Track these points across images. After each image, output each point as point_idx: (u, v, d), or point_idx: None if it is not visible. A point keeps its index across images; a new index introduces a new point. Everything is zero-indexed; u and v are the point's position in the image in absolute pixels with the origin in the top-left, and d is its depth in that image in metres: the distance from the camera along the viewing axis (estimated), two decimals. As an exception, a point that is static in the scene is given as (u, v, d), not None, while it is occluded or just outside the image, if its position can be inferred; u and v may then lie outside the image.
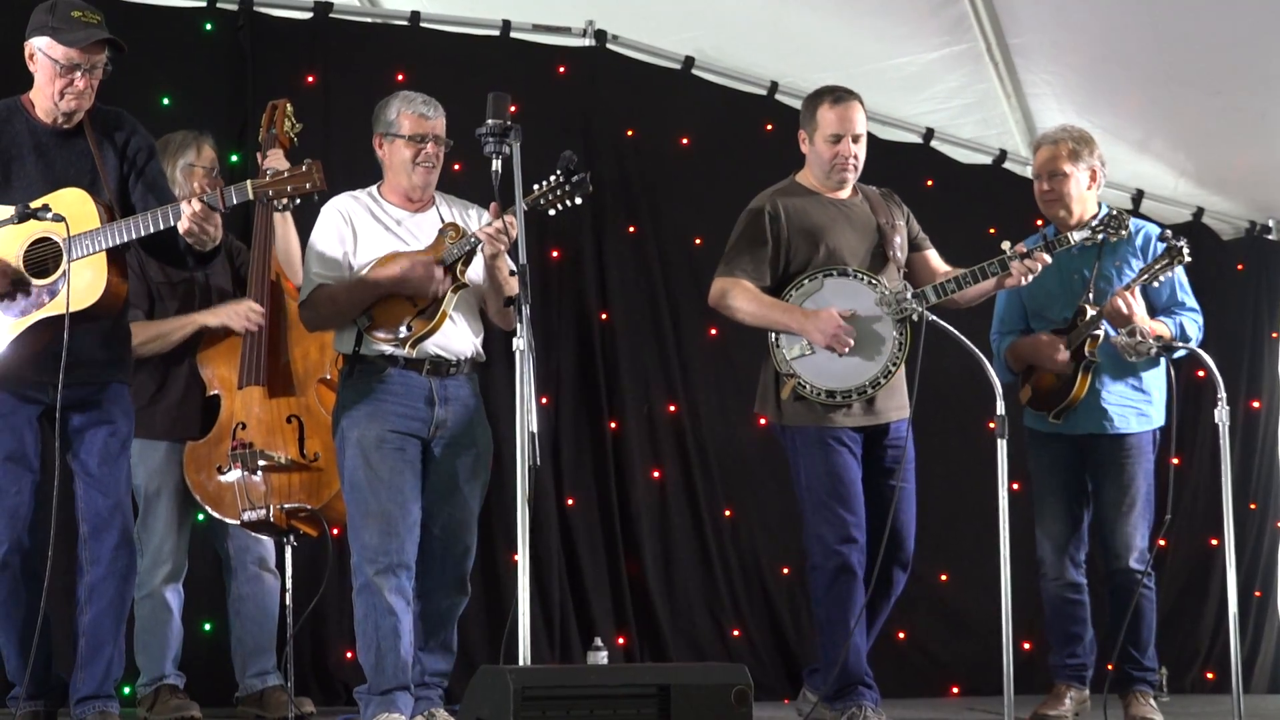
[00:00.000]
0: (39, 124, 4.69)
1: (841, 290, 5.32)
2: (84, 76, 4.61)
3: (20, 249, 4.52)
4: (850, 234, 5.42)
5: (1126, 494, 5.78)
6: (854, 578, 5.29)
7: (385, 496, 4.88)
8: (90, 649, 4.68)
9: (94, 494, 4.67)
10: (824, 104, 5.53)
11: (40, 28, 4.63)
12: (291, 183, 4.46)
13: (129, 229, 4.45)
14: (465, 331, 5.04)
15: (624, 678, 3.89)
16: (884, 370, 5.24)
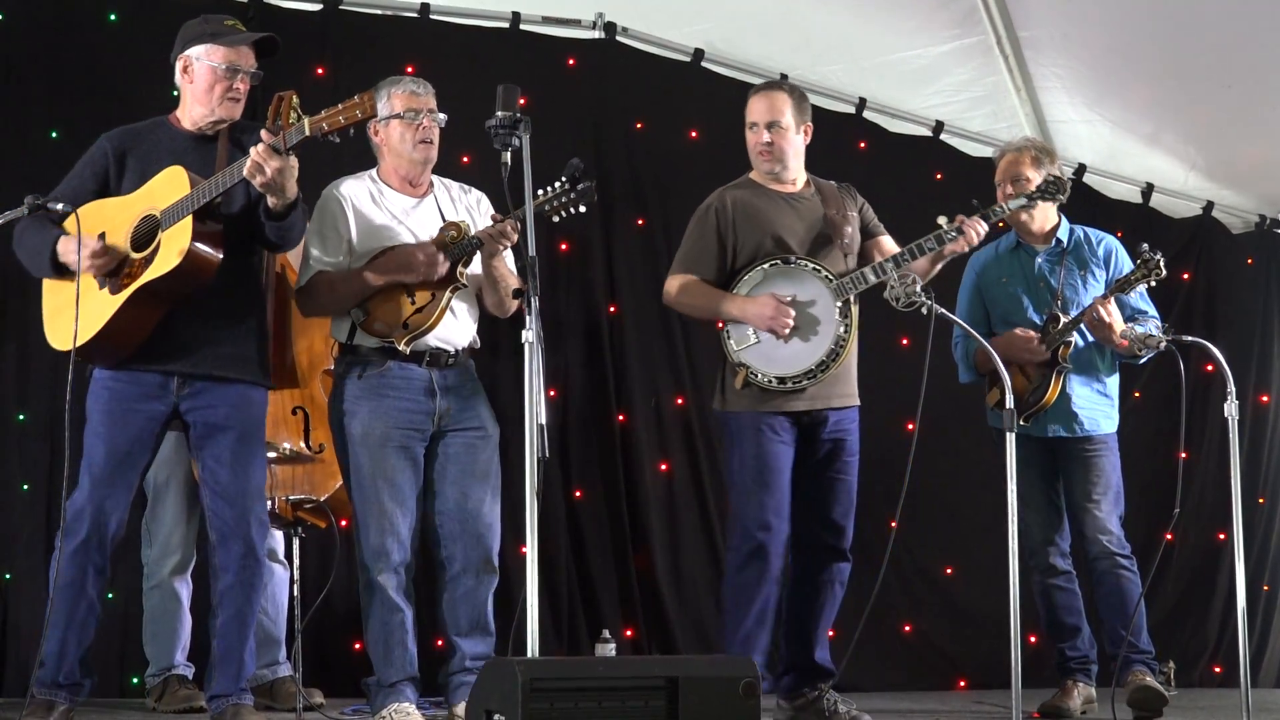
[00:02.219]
0: (180, 132, 4.82)
1: (784, 278, 5.34)
2: (243, 80, 4.75)
3: (129, 229, 4.62)
4: (797, 225, 5.43)
5: (1097, 485, 5.90)
6: (765, 564, 5.31)
7: (387, 495, 4.91)
8: (221, 652, 4.80)
9: (220, 503, 4.74)
10: (749, 99, 5.57)
11: (196, 38, 4.79)
12: (345, 113, 4.49)
13: (209, 189, 4.54)
14: (465, 323, 5.07)
15: (632, 670, 3.89)
16: (829, 353, 5.24)
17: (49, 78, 6.84)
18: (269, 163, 4.46)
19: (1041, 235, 6.03)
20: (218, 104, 4.78)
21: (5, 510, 6.48)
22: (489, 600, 5.02)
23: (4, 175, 6.62)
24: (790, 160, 5.52)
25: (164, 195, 4.60)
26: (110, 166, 4.79)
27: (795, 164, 5.56)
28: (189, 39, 4.84)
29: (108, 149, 4.82)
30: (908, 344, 7.60)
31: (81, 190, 4.76)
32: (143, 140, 4.83)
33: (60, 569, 4.62)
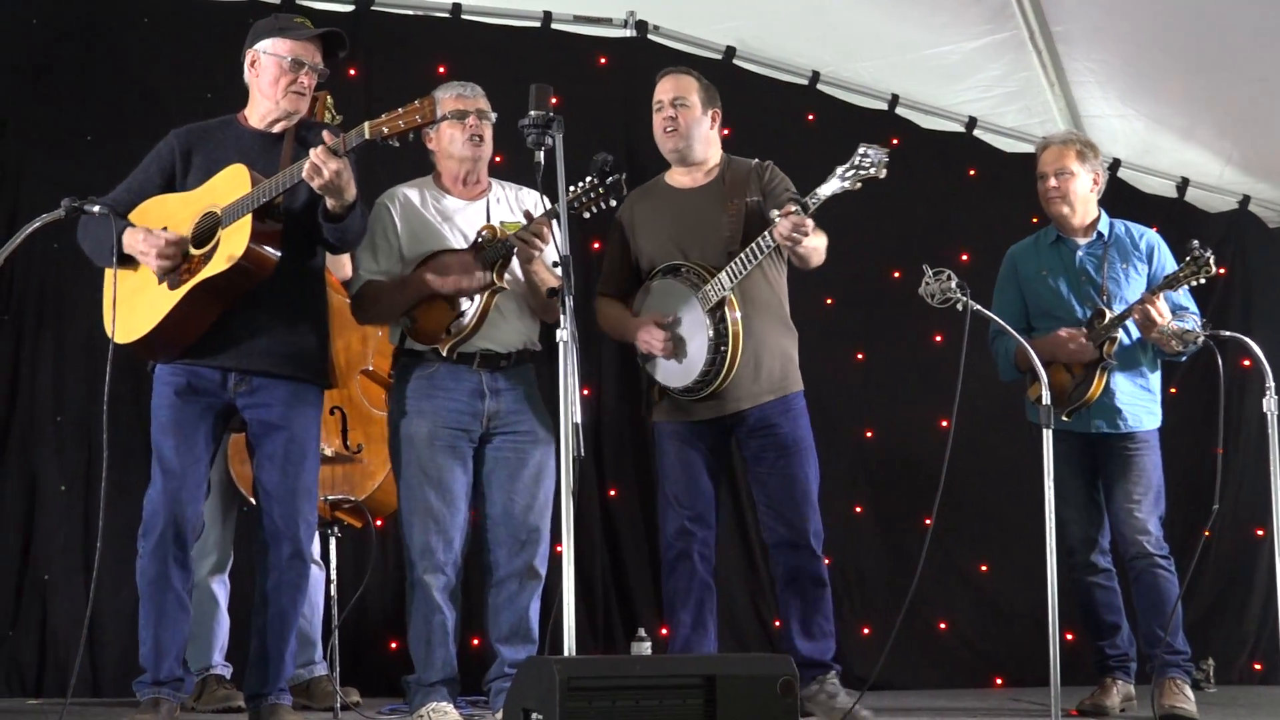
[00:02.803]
0: (247, 130, 4.87)
1: (664, 292, 5.32)
2: (308, 74, 4.80)
3: (190, 225, 4.66)
4: (688, 225, 5.37)
5: (1138, 485, 5.84)
6: (691, 568, 5.32)
7: (434, 495, 4.93)
8: (262, 651, 4.83)
9: (271, 503, 4.77)
10: (657, 80, 5.55)
11: (264, 32, 4.86)
12: (405, 118, 4.52)
13: (269, 188, 4.58)
14: (515, 325, 5.07)
15: (669, 668, 3.87)
16: (709, 362, 5.17)
17: (83, 81, 6.88)
18: (327, 165, 4.48)
19: (1081, 229, 5.99)
20: (282, 96, 4.83)
21: (43, 512, 6.51)
22: (531, 607, 5.03)
23: (40, 178, 6.67)
24: (695, 142, 5.45)
25: (225, 193, 4.64)
26: (176, 162, 4.84)
27: (702, 148, 5.48)
28: (258, 35, 4.90)
29: (174, 145, 4.87)
30: (941, 341, 7.57)
31: (147, 185, 4.83)
32: (210, 138, 4.87)
33: (144, 568, 4.68)
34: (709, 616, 5.37)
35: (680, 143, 5.41)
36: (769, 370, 5.30)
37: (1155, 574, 5.77)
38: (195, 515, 4.72)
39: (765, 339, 5.29)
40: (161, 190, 4.81)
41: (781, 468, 5.32)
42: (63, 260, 6.64)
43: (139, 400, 6.34)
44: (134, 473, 6.20)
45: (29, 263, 6.60)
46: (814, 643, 5.33)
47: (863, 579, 7.50)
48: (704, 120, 5.45)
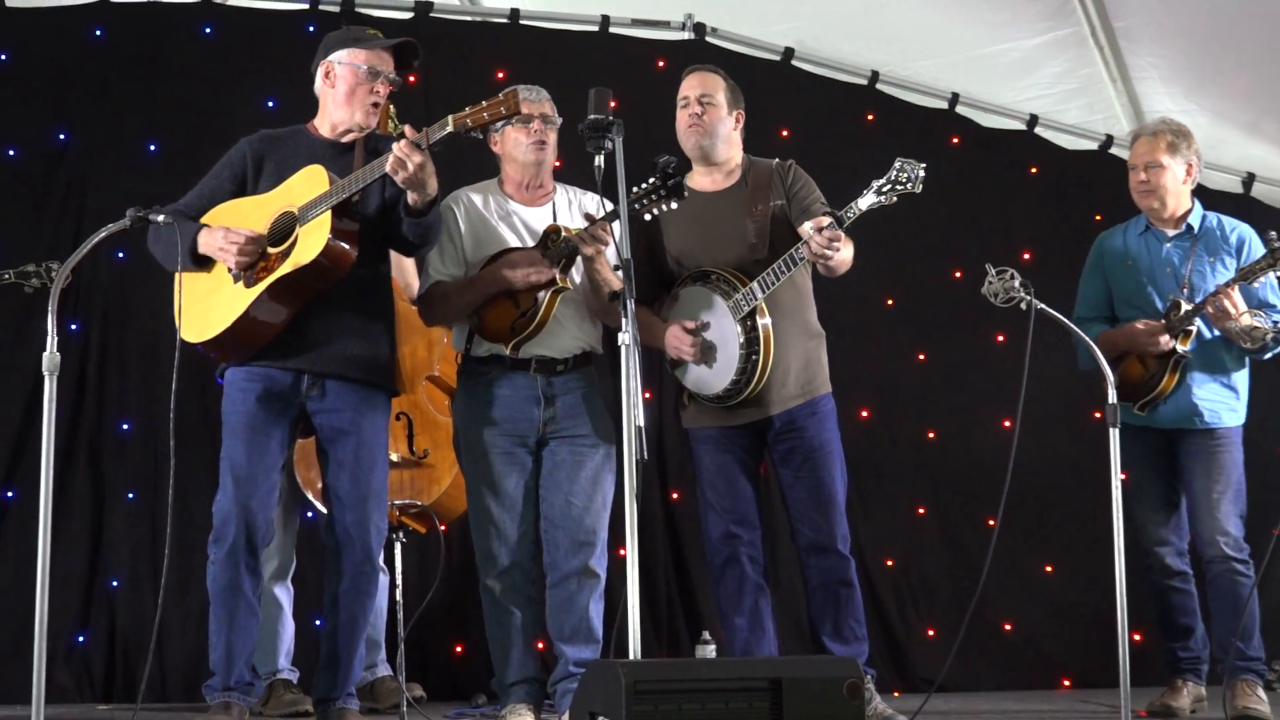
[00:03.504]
0: (318, 139, 4.90)
1: (692, 299, 5.28)
2: (383, 83, 4.84)
3: (265, 225, 4.70)
4: (715, 231, 5.32)
5: (1218, 483, 5.73)
6: (741, 571, 5.29)
7: (494, 501, 4.96)
8: (331, 656, 4.85)
9: (342, 508, 4.79)
10: (683, 77, 5.52)
11: (338, 44, 4.89)
12: (489, 110, 4.52)
13: (348, 185, 4.61)
14: (573, 331, 5.07)
15: (735, 671, 3.85)
16: (740, 371, 5.14)
17: (145, 91, 6.95)
18: (411, 158, 4.50)
19: (1173, 220, 5.90)
20: (358, 108, 4.85)
21: (112, 519, 6.57)
22: (591, 606, 5.02)
23: (104, 188, 6.74)
24: (719, 141, 5.40)
25: (302, 192, 4.67)
26: (248, 169, 4.87)
27: (725, 148, 5.43)
28: (331, 46, 4.92)
29: (246, 152, 4.91)
30: (1003, 340, 7.53)
31: (219, 190, 4.86)
32: (281, 145, 4.91)
33: (215, 574, 4.70)
34: (766, 618, 5.34)
35: (704, 139, 5.38)
36: (795, 376, 5.28)
37: (1233, 579, 5.65)
38: (266, 522, 4.74)
39: (792, 343, 5.25)
40: (233, 196, 4.84)
41: (808, 472, 5.29)
42: (128, 270, 6.72)
43: (205, 406, 6.42)
44: (200, 478, 6.27)
45: (95, 272, 6.68)
46: (847, 646, 5.30)
47: (926, 581, 7.46)
48: (728, 120, 5.43)
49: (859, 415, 7.43)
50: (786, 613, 7.04)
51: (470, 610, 6.51)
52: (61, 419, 5.64)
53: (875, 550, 7.38)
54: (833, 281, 5.33)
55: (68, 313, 6.59)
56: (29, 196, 6.78)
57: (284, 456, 4.82)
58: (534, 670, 5.05)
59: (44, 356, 4.23)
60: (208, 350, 4.76)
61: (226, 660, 4.70)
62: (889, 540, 7.45)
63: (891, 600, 7.36)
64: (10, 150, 6.80)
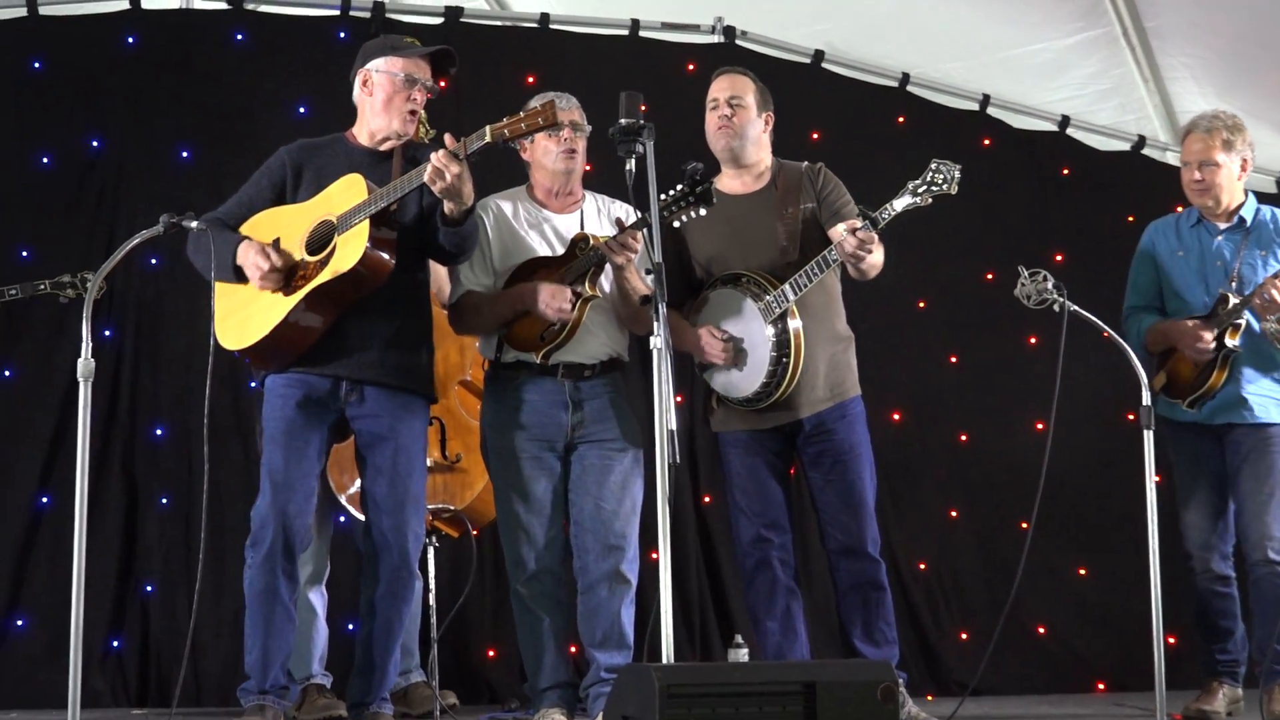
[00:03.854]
0: (356, 147, 4.92)
1: (723, 302, 5.26)
2: (420, 90, 4.87)
3: (304, 234, 4.71)
4: (745, 234, 5.30)
5: (1266, 483, 5.62)
6: (772, 575, 5.28)
7: (523, 506, 4.96)
8: (366, 660, 4.86)
9: (379, 513, 4.80)
10: (712, 79, 5.50)
11: (375, 52, 4.92)
12: (526, 120, 4.53)
13: (386, 194, 4.62)
14: (600, 337, 5.07)
15: (769, 675, 3.85)
16: (770, 374, 5.12)
17: (179, 98, 6.99)
18: (450, 168, 4.52)
19: (1225, 213, 5.81)
20: (396, 115, 4.87)
21: (145, 524, 6.60)
22: (623, 612, 5.02)
23: (137, 194, 6.78)
24: (749, 143, 5.39)
25: (341, 201, 4.69)
26: (287, 178, 4.89)
27: (755, 150, 5.42)
28: (368, 54, 4.95)
29: (285, 160, 4.93)
30: (1036, 342, 7.50)
31: (258, 199, 4.88)
32: (320, 154, 4.93)
33: (252, 578, 4.71)
34: (798, 621, 5.34)
35: (734, 141, 5.37)
36: (826, 377, 5.26)
37: (1276, 583, 5.56)
38: (304, 527, 4.76)
39: (822, 346, 5.24)
40: (272, 204, 4.86)
41: (838, 475, 5.27)
42: (161, 276, 6.75)
43: (238, 411, 6.44)
44: (233, 483, 6.30)
45: (128, 278, 6.71)
46: (878, 648, 5.28)
47: (959, 584, 7.44)
48: (758, 122, 5.41)
49: (891, 417, 7.41)
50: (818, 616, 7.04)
51: (503, 615, 6.54)
52: (96, 425, 5.69)
53: (908, 553, 7.36)
54: (864, 283, 5.32)
55: (102, 319, 6.62)
56: (63, 203, 6.81)
57: (322, 462, 4.84)
58: (566, 675, 5.05)
59: (79, 363, 4.26)
60: (245, 357, 4.78)
61: (262, 664, 4.71)
62: (922, 543, 7.43)
63: (924, 603, 7.34)
64: (44, 157, 6.84)
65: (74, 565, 4.17)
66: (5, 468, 6.56)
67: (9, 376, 6.64)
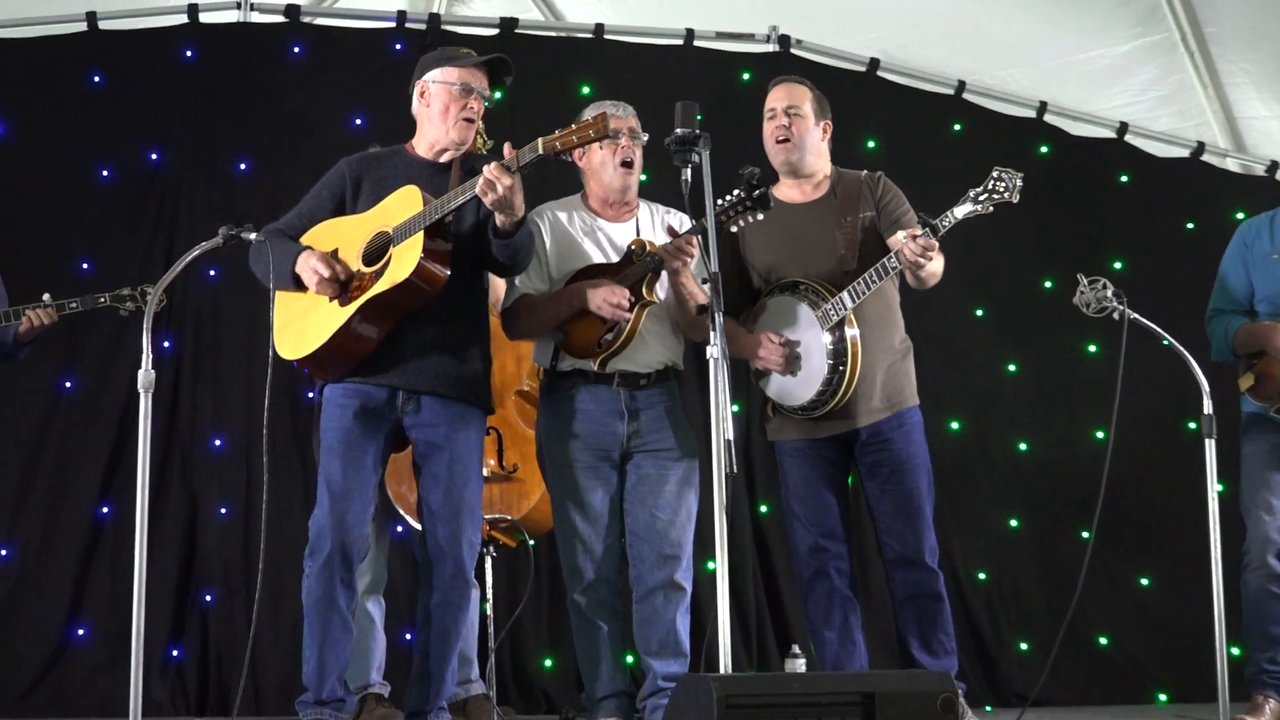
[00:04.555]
0: (415, 159, 4.94)
1: (780, 309, 5.23)
2: (476, 99, 4.89)
3: (361, 245, 4.74)
4: (804, 243, 5.26)
5: None
6: (830, 585, 5.24)
7: (579, 516, 4.96)
8: (423, 670, 4.86)
9: (435, 523, 4.80)
10: (769, 89, 5.46)
11: (431, 64, 4.95)
12: (578, 133, 4.54)
13: (440, 206, 4.64)
14: (656, 346, 5.06)
15: (827, 685, 3.83)
16: (826, 381, 5.07)
17: (237, 111, 7.04)
18: (501, 180, 4.53)
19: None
20: (453, 125, 4.88)
21: (205, 535, 6.64)
22: (678, 620, 5.01)
23: (196, 206, 6.84)
24: (808, 153, 5.35)
25: (397, 213, 4.71)
26: (347, 189, 4.92)
27: (814, 159, 5.38)
28: (425, 67, 4.97)
29: (345, 172, 4.96)
30: (1095, 350, 7.45)
31: (318, 210, 4.91)
32: (380, 166, 4.95)
33: (310, 588, 4.72)
34: (856, 631, 5.30)
35: (793, 154, 5.35)
36: (883, 386, 5.22)
37: None
38: (361, 537, 4.77)
39: (880, 355, 5.21)
40: (332, 215, 4.89)
41: (895, 485, 5.23)
42: (220, 288, 6.80)
43: (295, 422, 6.48)
44: (291, 493, 6.33)
45: (187, 290, 6.76)
46: (935, 659, 5.23)
47: (1019, 594, 7.39)
48: (816, 131, 5.39)
49: (950, 426, 7.38)
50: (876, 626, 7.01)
51: (560, 624, 6.55)
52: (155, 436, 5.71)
53: (967, 563, 7.32)
54: (922, 292, 5.30)
55: (161, 330, 6.67)
56: (123, 216, 6.88)
57: (379, 472, 4.85)
58: (623, 684, 5.04)
59: (139, 374, 4.29)
60: (304, 366, 4.80)
61: (319, 674, 4.73)
62: (981, 553, 7.38)
63: (984, 614, 7.30)
64: (104, 170, 6.91)
65: (135, 575, 4.20)
66: (67, 479, 6.62)
67: (70, 388, 6.70)
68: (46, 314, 5.62)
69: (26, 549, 6.52)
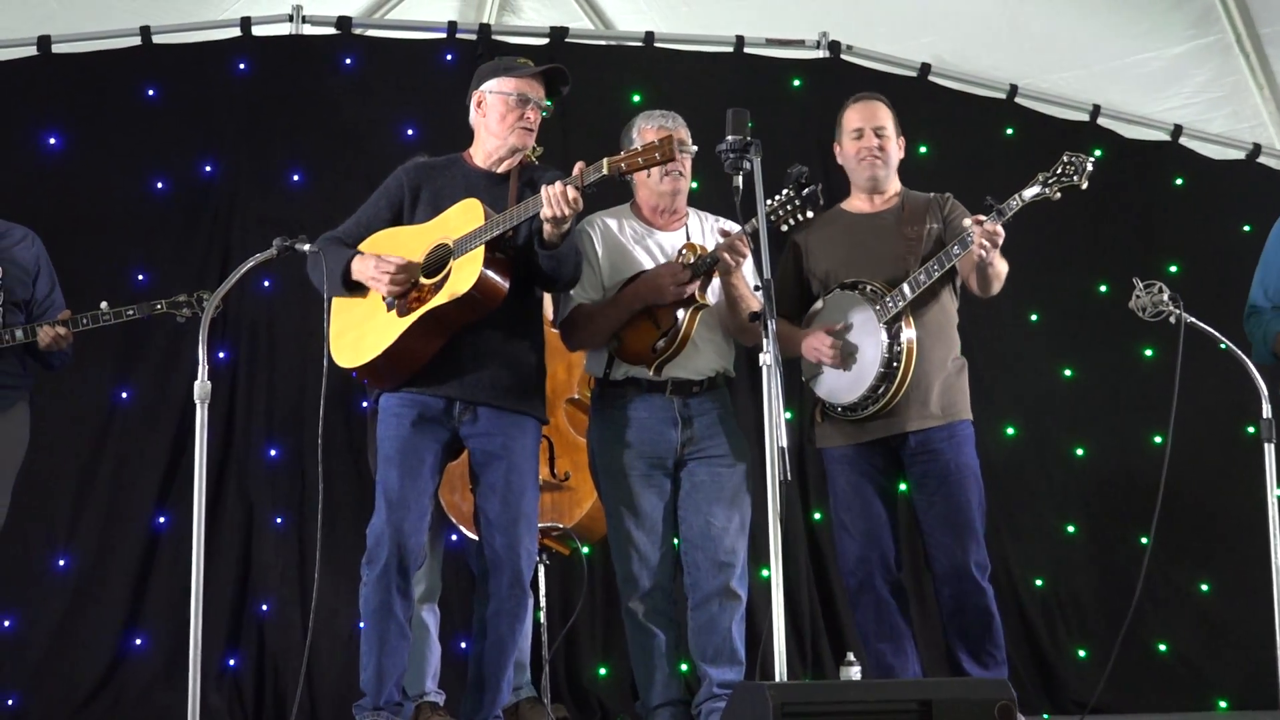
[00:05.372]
0: (473, 169, 4.98)
1: (838, 304, 5.20)
2: (533, 109, 4.92)
3: (421, 256, 4.77)
4: (867, 250, 5.25)
5: None
6: (876, 595, 5.21)
7: (634, 524, 4.96)
8: (479, 678, 4.88)
9: (492, 532, 4.83)
10: (847, 110, 5.43)
11: (488, 74, 4.99)
12: (644, 156, 4.55)
13: (502, 221, 4.67)
14: (708, 353, 5.06)
15: (884, 693, 3.82)
16: (879, 375, 5.03)
17: (289, 122, 7.08)
18: (576, 201, 4.56)
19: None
20: (509, 133, 4.91)
21: (261, 544, 6.67)
22: (734, 627, 5.00)
23: (250, 217, 6.88)
24: (892, 171, 5.38)
25: (458, 225, 4.73)
26: (405, 198, 4.95)
27: (886, 174, 5.39)
28: (482, 77, 5.01)
29: (404, 181, 4.99)
30: (1152, 355, 7.39)
31: (375, 219, 4.95)
32: (438, 175, 4.98)
33: (367, 596, 4.75)
34: (906, 640, 5.27)
35: (881, 171, 5.35)
36: (937, 395, 5.18)
37: None
38: (418, 545, 4.79)
39: (935, 363, 5.17)
40: (390, 224, 4.93)
41: (943, 496, 5.17)
42: (275, 298, 6.84)
43: (350, 432, 6.50)
44: (346, 503, 6.35)
45: (242, 301, 6.80)
46: (985, 671, 5.19)
47: (1077, 600, 7.33)
48: (897, 150, 5.41)
49: (1005, 433, 7.34)
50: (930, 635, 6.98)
51: (613, 632, 6.55)
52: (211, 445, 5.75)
53: (1024, 570, 7.27)
54: (977, 297, 5.27)
55: (216, 341, 6.71)
56: (178, 227, 6.93)
57: (436, 481, 4.87)
58: (678, 692, 5.04)
59: (195, 385, 4.32)
60: (361, 376, 4.82)
61: (377, 681, 4.75)
62: (1038, 560, 7.33)
63: (1041, 621, 7.24)
64: (159, 182, 6.96)
65: (192, 584, 4.23)
66: (123, 488, 6.66)
67: (126, 399, 6.75)
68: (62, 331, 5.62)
69: (84, 559, 6.57)
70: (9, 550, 5.97)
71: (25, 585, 6.48)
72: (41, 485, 6.39)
